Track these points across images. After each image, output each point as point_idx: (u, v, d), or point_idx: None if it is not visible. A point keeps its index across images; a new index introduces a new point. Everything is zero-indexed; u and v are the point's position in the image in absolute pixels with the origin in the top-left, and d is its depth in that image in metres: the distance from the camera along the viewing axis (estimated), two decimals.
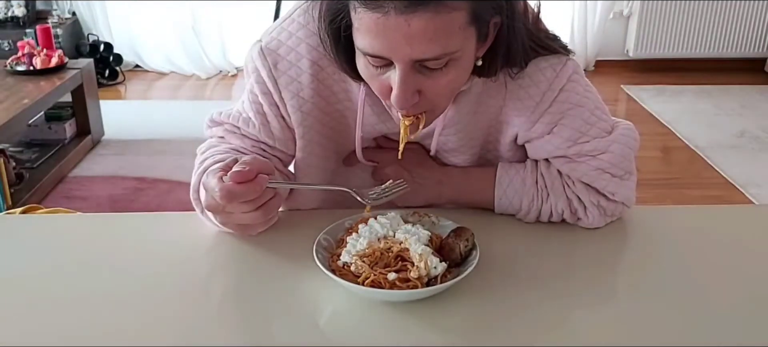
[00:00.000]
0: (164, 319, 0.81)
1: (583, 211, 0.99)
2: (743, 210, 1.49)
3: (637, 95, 4.18)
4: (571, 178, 0.99)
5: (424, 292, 0.80)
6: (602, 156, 0.97)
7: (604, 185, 0.97)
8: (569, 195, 0.99)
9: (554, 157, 0.99)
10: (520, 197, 1.00)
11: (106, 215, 1.25)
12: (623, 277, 0.95)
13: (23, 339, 0.77)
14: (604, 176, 0.97)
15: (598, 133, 0.97)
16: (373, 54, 0.79)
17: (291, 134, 1.00)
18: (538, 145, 0.99)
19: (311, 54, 0.95)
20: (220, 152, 0.98)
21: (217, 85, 4.51)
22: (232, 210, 0.84)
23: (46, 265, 0.92)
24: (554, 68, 0.94)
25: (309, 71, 0.96)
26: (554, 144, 0.97)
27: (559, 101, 0.95)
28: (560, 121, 0.96)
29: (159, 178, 3.02)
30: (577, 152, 0.97)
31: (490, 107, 0.98)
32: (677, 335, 0.78)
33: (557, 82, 0.94)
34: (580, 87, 0.96)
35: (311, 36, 0.95)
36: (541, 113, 0.96)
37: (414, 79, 0.80)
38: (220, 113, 1.04)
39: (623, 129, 0.99)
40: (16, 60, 3.18)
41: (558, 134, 0.96)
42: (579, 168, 0.98)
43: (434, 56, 0.78)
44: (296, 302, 0.83)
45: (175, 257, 0.94)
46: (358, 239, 0.86)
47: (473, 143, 1.02)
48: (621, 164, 0.98)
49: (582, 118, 0.96)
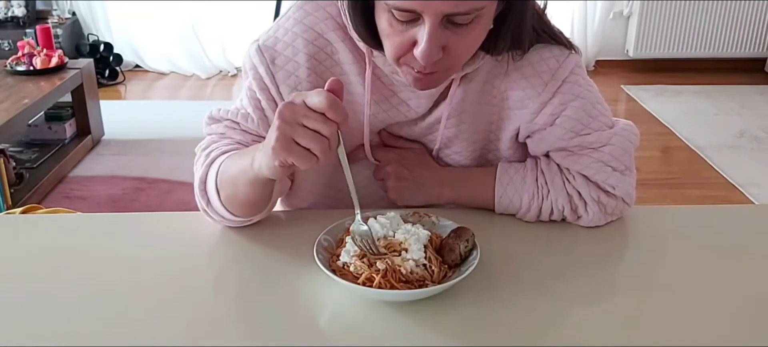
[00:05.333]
0: (164, 319, 0.81)
1: (583, 207, 0.99)
2: (743, 210, 1.49)
3: (637, 95, 4.18)
4: (571, 172, 0.99)
5: (424, 292, 0.80)
6: (604, 149, 0.98)
7: (605, 179, 0.98)
8: (569, 191, 0.99)
9: (555, 150, 1.00)
10: (520, 194, 1.00)
11: (106, 215, 1.25)
12: (623, 277, 0.95)
13: (23, 339, 0.77)
14: (606, 170, 0.98)
15: (599, 126, 0.98)
16: (403, 9, 0.79)
17: None
18: (539, 137, 1.00)
19: (308, 48, 0.96)
20: (224, 145, 0.99)
21: (217, 85, 4.51)
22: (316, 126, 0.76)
23: (46, 265, 0.92)
24: (557, 59, 0.96)
25: (306, 65, 0.96)
26: (556, 135, 0.98)
27: (562, 92, 0.96)
28: (563, 112, 0.97)
29: (159, 178, 3.02)
30: (579, 144, 0.98)
31: (493, 97, 0.99)
32: (677, 335, 0.78)
33: (560, 73, 0.96)
34: (583, 80, 0.98)
35: (307, 30, 0.96)
36: (544, 103, 0.97)
37: (441, 35, 0.80)
38: (219, 110, 1.04)
39: (624, 124, 1.01)
40: (16, 60, 3.18)
41: (560, 126, 0.97)
42: (580, 161, 0.98)
43: (464, 11, 0.78)
44: (296, 302, 0.83)
45: (175, 257, 0.94)
46: None
47: (476, 136, 1.02)
48: (621, 157, 0.99)
49: (584, 110, 0.97)
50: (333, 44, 0.96)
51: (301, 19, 0.97)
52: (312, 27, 0.96)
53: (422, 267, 0.82)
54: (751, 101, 4.09)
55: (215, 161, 0.95)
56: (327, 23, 0.96)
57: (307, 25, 0.96)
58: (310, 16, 0.96)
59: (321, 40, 0.96)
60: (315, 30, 0.96)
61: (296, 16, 0.97)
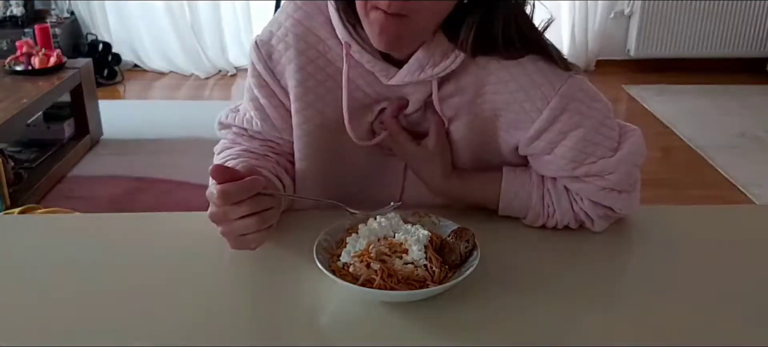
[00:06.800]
0: (164, 319, 0.81)
1: (590, 223, 0.98)
2: (744, 210, 1.49)
3: (638, 95, 4.18)
4: (579, 194, 0.97)
5: (424, 292, 0.80)
6: (610, 176, 0.94)
7: (613, 202, 0.96)
8: (576, 210, 0.97)
9: (560, 176, 0.97)
10: (525, 210, 0.99)
11: (104, 215, 1.25)
12: (623, 277, 0.94)
13: (23, 339, 0.77)
14: (612, 194, 0.95)
15: (604, 152, 0.93)
16: None
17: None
18: (540, 162, 0.97)
19: (298, 44, 0.97)
20: (233, 155, 1.00)
21: (216, 85, 4.51)
22: (231, 214, 0.83)
23: (45, 265, 0.92)
24: (553, 85, 0.90)
25: (296, 61, 0.97)
26: (558, 165, 0.94)
27: (561, 120, 0.91)
28: (561, 142, 0.92)
29: (158, 178, 3.02)
30: (585, 172, 0.94)
31: (484, 111, 0.95)
32: (677, 335, 0.78)
33: (558, 102, 0.90)
34: (584, 106, 0.92)
35: (297, 25, 0.97)
36: (540, 130, 0.92)
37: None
38: (228, 115, 1.06)
39: (630, 145, 0.95)
40: (14, 60, 3.18)
41: (561, 156, 0.93)
42: (586, 188, 0.95)
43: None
44: (296, 302, 0.83)
45: (174, 257, 0.94)
46: (358, 239, 0.86)
47: (472, 147, 0.99)
48: (628, 180, 0.96)
49: (586, 139, 0.92)
50: (325, 41, 0.96)
51: (292, 13, 0.97)
52: (301, 22, 0.96)
53: (422, 268, 0.81)
54: (753, 101, 4.09)
55: None
56: (318, 19, 0.96)
57: (297, 20, 0.97)
58: (301, 11, 0.97)
59: (311, 36, 0.96)
60: (304, 25, 0.96)
61: (288, 10, 0.98)
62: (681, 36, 4.52)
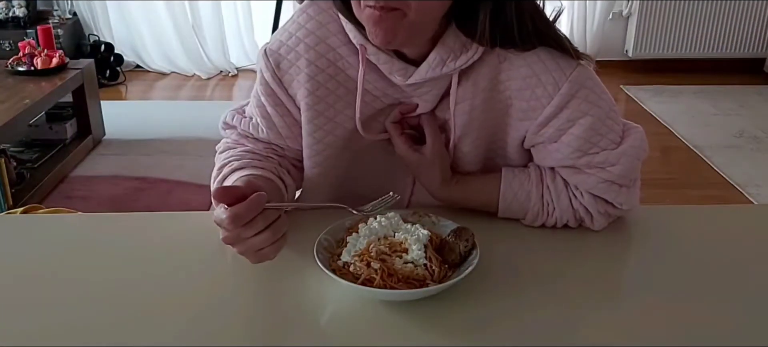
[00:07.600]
0: (164, 319, 0.81)
1: (589, 220, 0.99)
2: (743, 210, 1.49)
3: (637, 95, 4.18)
4: (578, 188, 0.98)
5: (424, 292, 0.80)
6: (612, 168, 0.95)
7: (613, 197, 0.97)
8: (575, 206, 0.98)
9: (561, 166, 0.98)
10: (524, 211, 0.99)
11: (106, 215, 1.25)
12: (623, 277, 0.95)
13: (23, 339, 0.77)
14: (613, 188, 0.96)
15: (607, 144, 0.95)
16: None
17: (299, 130, 1.01)
18: (545, 152, 0.98)
19: (308, 53, 0.96)
20: (236, 156, 1.01)
21: (218, 86, 4.51)
22: (244, 234, 0.81)
23: (47, 265, 0.93)
24: (564, 72, 0.92)
25: (306, 71, 0.97)
26: (563, 153, 0.95)
27: (570, 107, 0.93)
28: (569, 129, 0.94)
29: (160, 178, 3.02)
30: (587, 163, 0.95)
31: (499, 102, 0.96)
32: (677, 335, 0.78)
33: (568, 88, 0.92)
34: (593, 95, 0.94)
35: (309, 35, 0.96)
36: (550, 117, 0.93)
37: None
38: (233, 116, 1.06)
39: (633, 140, 0.96)
40: (17, 60, 3.19)
41: (567, 144, 0.94)
42: (587, 180, 0.96)
43: None
44: (296, 302, 0.84)
45: (175, 257, 0.94)
46: (358, 239, 0.86)
47: (483, 141, 1.00)
48: (629, 174, 0.96)
49: (593, 128, 0.93)
50: (336, 50, 0.96)
51: (304, 23, 0.97)
52: (314, 32, 0.96)
53: (422, 267, 0.82)
54: (751, 101, 4.09)
55: (226, 180, 0.96)
56: (329, 27, 0.96)
57: (309, 30, 0.96)
58: (313, 21, 0.97)
59: (323, 45, 0.96)
60: (316, 35, 0.96)
61: (300, 19, 0.97)
62: (679, 37, 4.52)
